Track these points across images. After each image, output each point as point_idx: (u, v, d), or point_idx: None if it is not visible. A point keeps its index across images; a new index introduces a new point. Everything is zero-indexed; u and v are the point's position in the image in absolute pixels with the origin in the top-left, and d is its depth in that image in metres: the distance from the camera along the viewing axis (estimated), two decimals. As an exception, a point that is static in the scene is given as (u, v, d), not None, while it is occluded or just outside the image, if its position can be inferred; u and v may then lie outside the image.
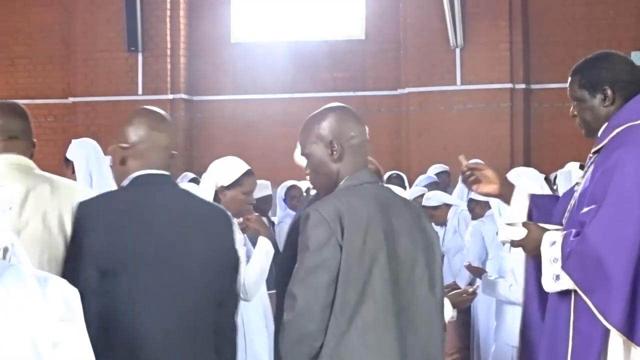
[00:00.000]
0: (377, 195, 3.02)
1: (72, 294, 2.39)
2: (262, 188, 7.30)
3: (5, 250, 2.43)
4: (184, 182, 8.55)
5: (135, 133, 3.19)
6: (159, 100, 13.42)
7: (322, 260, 2.85)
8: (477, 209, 7.21)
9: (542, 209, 3.69)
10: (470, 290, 4.51)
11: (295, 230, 3.26)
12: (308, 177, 3.14)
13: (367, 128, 3.15)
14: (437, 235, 3.17)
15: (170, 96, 13.52)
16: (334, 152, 3.04)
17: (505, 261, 5.37)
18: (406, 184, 8.67)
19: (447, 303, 4.45)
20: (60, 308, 2.33)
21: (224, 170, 4.66)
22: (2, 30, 14.03)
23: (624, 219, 3.16)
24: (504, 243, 4.64)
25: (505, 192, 3.72)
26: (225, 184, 4.59)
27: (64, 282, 2.40)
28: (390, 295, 2.91)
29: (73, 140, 5.39)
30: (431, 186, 8.80)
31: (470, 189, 3.76)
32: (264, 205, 7.55)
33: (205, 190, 4.59)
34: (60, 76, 14.02)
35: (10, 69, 14.16)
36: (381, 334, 2.89)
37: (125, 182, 3.22)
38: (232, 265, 3.27)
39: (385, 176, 8.56)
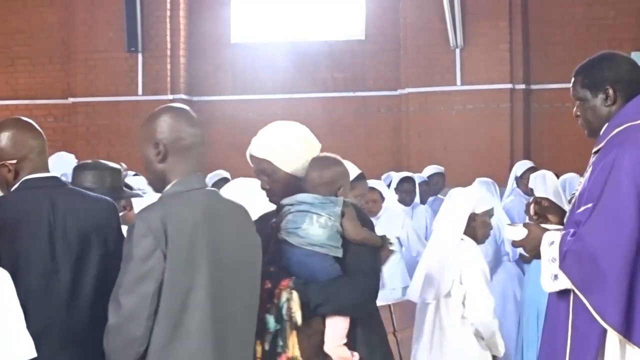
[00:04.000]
0: (204, 202, 3.08)
1: None
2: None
3: None
4: (213, 180, 8.62)
5: (22, 146, 3.35)
6: (159, 100, 13.40)
7: (147, 270, 2.94)
8: None
9: None
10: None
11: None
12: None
13: (201, 131, 3.20)
14: (260, 241, 3.23)
15: (170, 96, 13.51)
16: (159, 153, 3.11)
17: None
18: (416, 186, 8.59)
19: None
20: None
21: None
22: (2, 30, 14.02)
23: (619, 218, 3.16)
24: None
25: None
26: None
27: None
28: (212, 303, 3.00)
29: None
30: (420, 186, 8.79)
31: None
32: None
33: None
34: (60, 76, 14.00)
35: (10, 69, 14.14)
36: (202, 341, 2.99)
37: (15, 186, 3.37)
38: (118, 256, 3.36)
39: (397, 178, 8.49)
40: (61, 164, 7.02)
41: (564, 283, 3.27)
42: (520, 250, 7.03)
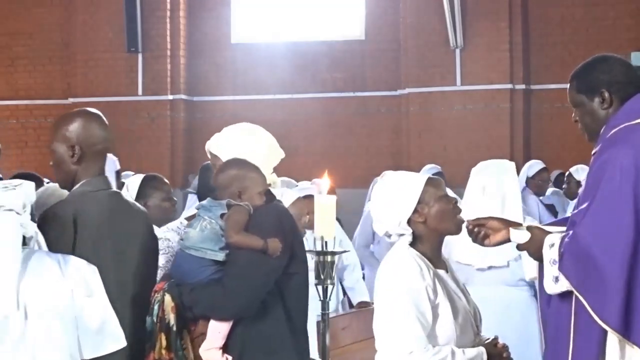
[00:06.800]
0: (109, 202, 3.32)
1: (90, 271, 2.84)
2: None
3: (30, 238, 2.84)
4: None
5: None
6: (159, 100, 13.44)
7: None
8: None
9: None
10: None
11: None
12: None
13: (111, 135, 3.39)
14: (157, 238, 3.51)
15: (170, 97, 13.52)
16: (75, 155, 3.31)
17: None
18: None
19: None
20: (80, 284, 2.78)
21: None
22: (2, 31, 14.03)
23: (614, 217, 3.15)
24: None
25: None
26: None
27: (82, 261, 2.85)
28: (119, 292, 3.19)
29: None
30: None
31: (482, 245, 3.54)
32: None
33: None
34: (60, 76, 14.02)
35: (10, 69, 14.15)
36: None
37: None
38: None
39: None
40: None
41: (565, 285, 3.27)
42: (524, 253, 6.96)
